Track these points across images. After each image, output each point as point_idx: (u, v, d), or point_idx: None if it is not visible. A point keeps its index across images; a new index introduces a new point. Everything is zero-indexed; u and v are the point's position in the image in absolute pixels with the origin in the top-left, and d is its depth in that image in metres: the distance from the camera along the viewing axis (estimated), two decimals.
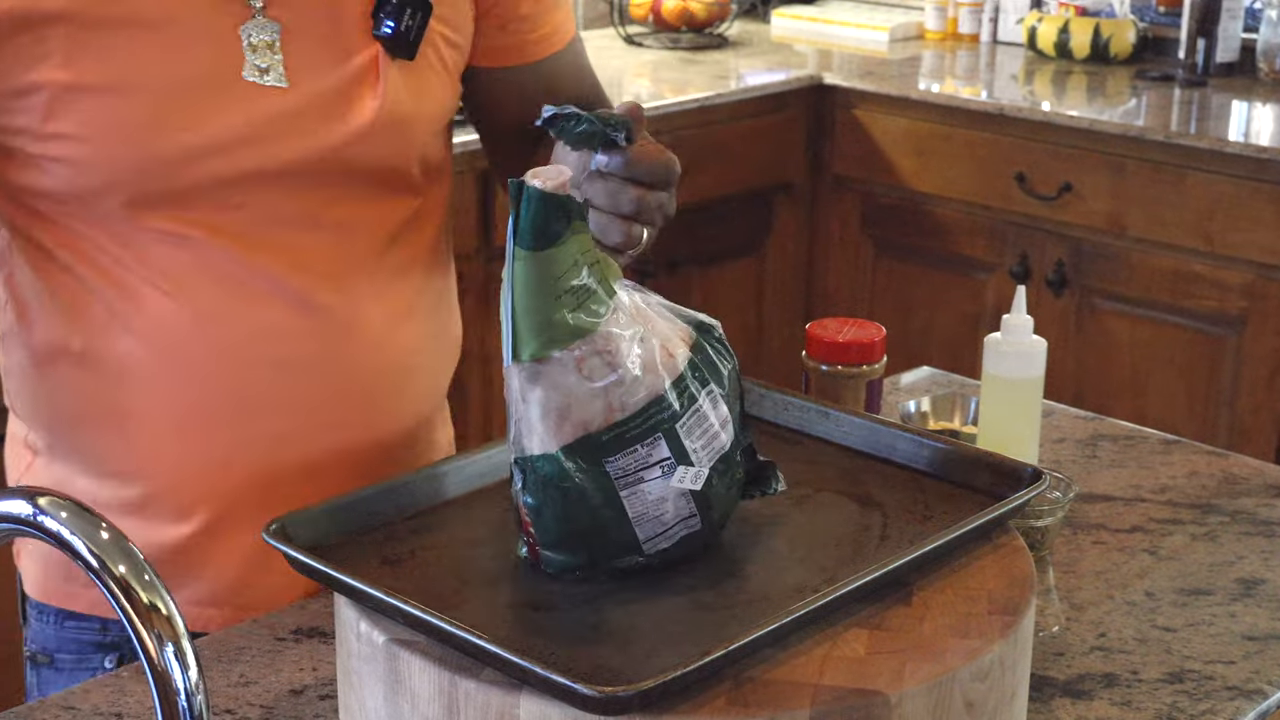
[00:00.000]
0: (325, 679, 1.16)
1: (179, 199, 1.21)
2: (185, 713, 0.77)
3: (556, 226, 0.98)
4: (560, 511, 1.01)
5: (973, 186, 3.25)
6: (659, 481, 1.01)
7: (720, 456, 1.03)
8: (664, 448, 1.01)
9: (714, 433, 1.03)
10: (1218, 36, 3.33)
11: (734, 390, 1.07)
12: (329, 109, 1.24)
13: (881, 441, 1.21)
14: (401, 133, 1.28)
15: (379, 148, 1.27)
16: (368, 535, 1.09)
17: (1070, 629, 1.26)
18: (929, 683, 0.92)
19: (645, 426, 1.00)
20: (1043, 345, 1.41)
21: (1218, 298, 2.98)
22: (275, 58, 1.22)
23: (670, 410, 1.01)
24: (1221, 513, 1.46)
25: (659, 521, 1.02)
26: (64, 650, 1.34)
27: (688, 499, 1.02)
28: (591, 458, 1.00)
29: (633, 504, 1.01)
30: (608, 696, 0.86)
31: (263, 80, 1.21)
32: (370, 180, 1.28)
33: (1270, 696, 1.18)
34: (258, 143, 1.21)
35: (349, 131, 1.25)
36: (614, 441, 1.00)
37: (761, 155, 3.36)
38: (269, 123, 1.22)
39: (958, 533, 1.05)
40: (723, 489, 1.04)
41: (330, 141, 1.24)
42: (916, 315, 3.38)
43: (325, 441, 1.29)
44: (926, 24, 3.79)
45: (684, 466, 1.01)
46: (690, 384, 1.02)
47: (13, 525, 0.80)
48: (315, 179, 1.25)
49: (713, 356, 1.05)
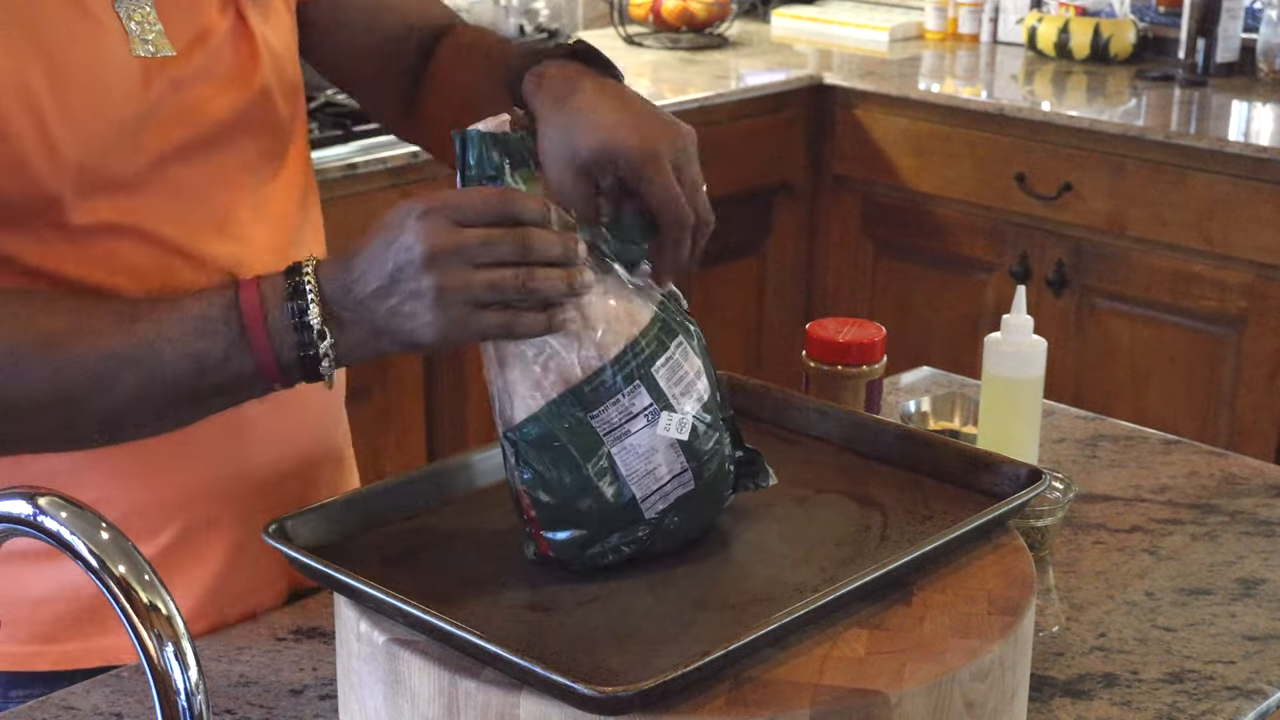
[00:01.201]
0: (325, 679, 1.16)
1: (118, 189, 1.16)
2: (185, 713, 0.77)
3: (496, 162, 1.04)
4: (555, 477, 1.03)
5: (973, 186, 3.25)
6: (646, 432, 1.02)
7: (702, 406, 1.05)
8: (645, 394, 1.02)
9: (690, 380, 1.05)
10: (1218, 36, 3.33)
11: (703, 352, 1.08)
12: (219, 65, 1.21)
13: (881, 441, 1.21)
14: (281, 72, 1.26)
15: (272, 93, 1.24)
16: (368, 535, 1.09)
17: (1070, 629, 1.26)
18: (929, 683, 0.92)
19: (624, 373, 1.02)
20: (1043, 345, 1.41)
21: (1218, 298, 2.98)
22: (156, 28, 1.18)
23: (645, 354, 1.03)
24: (1221, 513, 1.46)
25: (653, 477, 1.03)
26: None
27: (677, 451, 1.03)
28: (576, 412, 1.02)
29: (624, 459, 1.02)
30: (608, 696, 0.86)
31: (156, 53, 1.17)
32: (269, 131, 1.25)
33: (1270, 696, 1.18)
34: (166, 117, 1.17)
35: (248, 83, 1.22)
36: (595, 392, 1.02)
37: (761, 155, 3.36)
38: (173, 92, 1.18)
39: (958, 533, 1.05)
40: (710, 444, 1.05)
41: (232, 97, 1.21)
42: (916, 315, 3.38)
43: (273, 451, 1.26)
44: (926, 24, 3.79)
45: (667, 413, 1.02)
46: (660, 333, 1.04)
47: (12, 525, 0.80)
48: (226, 143, 1.22)
49: (679, 316, 1.08)
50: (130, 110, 1.15)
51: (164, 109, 1.18)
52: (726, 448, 1.08)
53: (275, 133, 1.27)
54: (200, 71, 1.20)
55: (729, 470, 1.09)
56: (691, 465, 1.04)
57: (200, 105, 1.20)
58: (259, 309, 1.06)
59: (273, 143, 1.27)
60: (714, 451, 1.06)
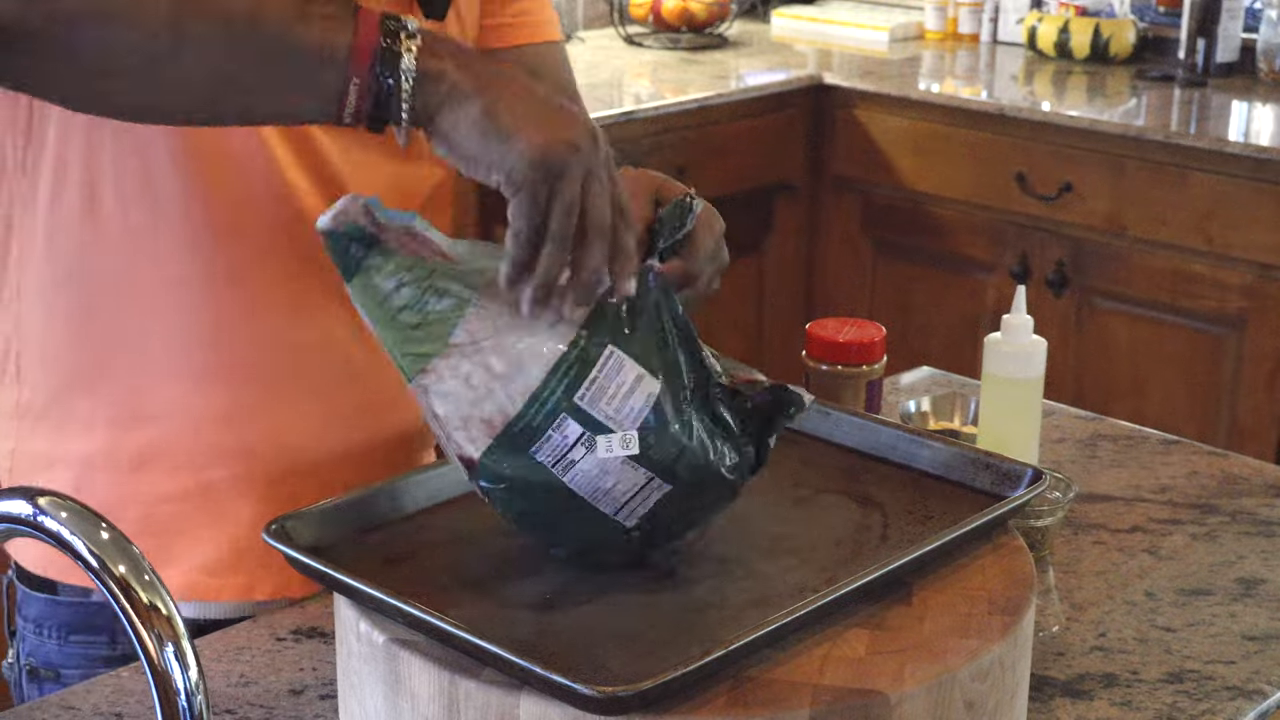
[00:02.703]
0: (325, 679, 1.16)
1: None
2: (185, 713, 0.77)
3: (353, 255, 1.01)
4: (521, 507, 1.02)
5: (973, 186, 3.25)
6: (590, 458, 0.99)
7: (651, 409, 1.00)
8: (574, 425, 0.99)
9: (627, 391, 1.00)
10: (1218, 36, 3.33)
11: (658, 335, 1.02)
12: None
13: (881, 441, 1.21)
14: None
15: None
16: (368, 535, 1.09)
17: (1070, 629, 1.26)
18: (929, 683, 0.92)
19: (545, 411, 0.99)
20: (1043, 345, 1.41)
21: (1218, 298, 2.98)
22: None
23: (562, 386, 0.99)
24: (1221, 513, 1.46)
25: (614, 495, 1.00)
26: (70, 665, 1.33)
27: (634, 465, 1.00)
28: (514, 453, 1.00)
29: (580, 486, 1.00)
30: (608, 696, 0.86)
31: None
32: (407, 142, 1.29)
33: (1270, 696, 1.18)
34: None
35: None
36: (524, 433, 0.99)
37: (761, 155, 3.36)
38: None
39: (958, 533, 1.05)
40: (672, 443, 1.01)
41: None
42: (916, 315, 3.38)
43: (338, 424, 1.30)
44: (926, 24, 3.79)
45: (603, 436, 0.99)
46: (579, 359, 1.00)
47: (12, 525, 0.80)
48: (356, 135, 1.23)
49: (617, 312, 1.01)
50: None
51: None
52: (702, 432, 1.02)
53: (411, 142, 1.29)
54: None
55: (718, 449, 1.03)
56: (656, 471, 1.00)
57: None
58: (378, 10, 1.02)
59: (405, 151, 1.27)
60: (681, 445, 1.01)
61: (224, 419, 1.28)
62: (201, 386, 1.27)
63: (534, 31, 1.42)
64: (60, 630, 1.33)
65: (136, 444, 1.28)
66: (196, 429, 1.27)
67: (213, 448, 1.28)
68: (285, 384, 1.29)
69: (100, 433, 1.28)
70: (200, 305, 1.26)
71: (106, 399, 1.28)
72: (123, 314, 1.26)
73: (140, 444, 1.28)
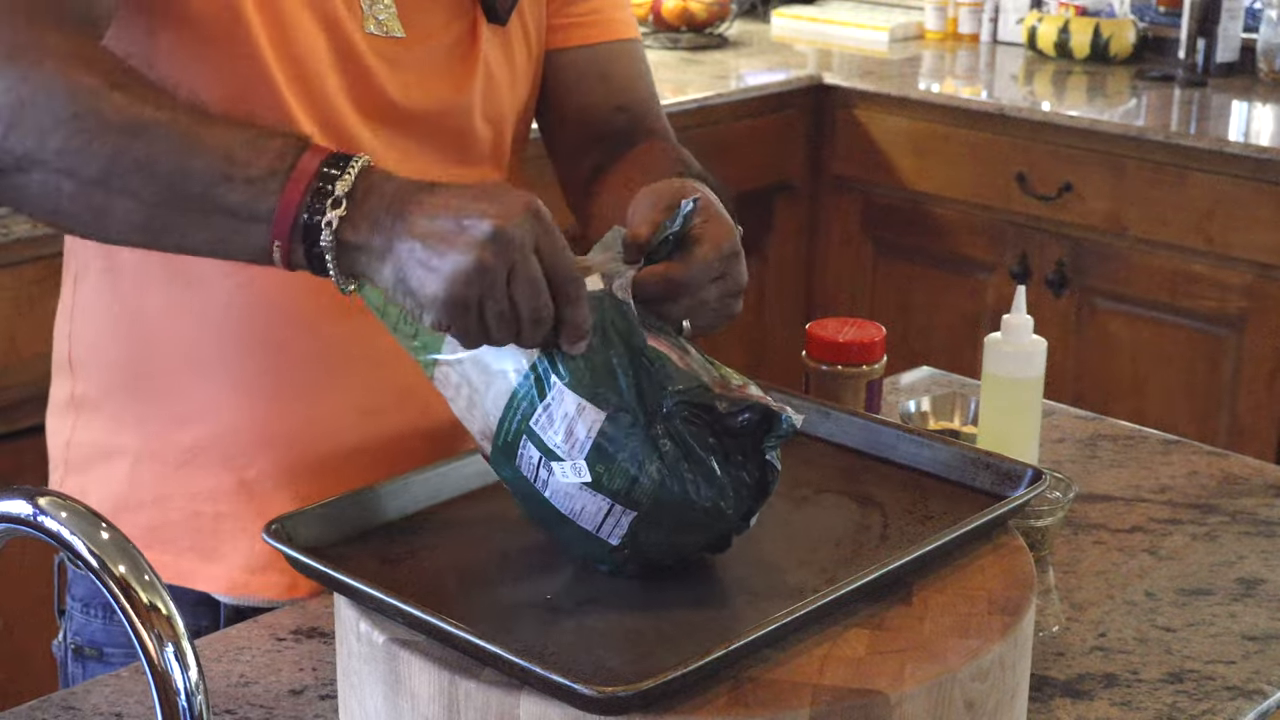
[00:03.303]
0: (325, 679, 1.16)
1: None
2: (185, 713, 0.77)
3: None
4: (527, 510, 1.05)
5: (973, 186, 3.25)
6: (554, 479, 1.01)
7: (596, 442, 0.99)
8: (533, 448, 1.00)
9: (571, 419, 0.99)
10: (1218, 36, 3.33)
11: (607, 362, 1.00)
12: (437, 64, 1.28)
13: (881, 441, 1.21)
14: (493, 98, 1.32)
15: (474, 108, 1.30)
16: (368, 535, 1.09)
17: (1070, 629, 1.26)
18: (929, 683, 0.92)
19: (513, 430, 1.01)
20: (1043, 345, 1.41)
21: (1218, 298, 2.98)
22: (390, 10, 1.26)
23: (521, 411, 1.00)
24: (1221, 513, 1.46)
25: (587, 516, 1.01)
26: (113, 644, 1.35)
27: (593, 492, 1.00)
28: (506, 462, 1.03)
29: (557, 503, 1.01)
30: (608, 696, 0.86)
31: (384, 33, 1.25)
32: (460, 142, 1.30)
33: (1270, 696, 1.18)
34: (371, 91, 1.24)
35: (452, 88, 1.28)
36: (504, 447, 1.02)
37: (761, 155, 3.36)
38: (386, 70, 1.25)
39: (958, 533, 1.05)
40: (622, 475, 0.99)
41: (436, 97, 1.28)
42: (916, 315, 3.38)
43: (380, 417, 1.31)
44: (926, 24, 3.79)
45: (558, 463, 1.00)
46: (534, 386, 1.00)
47: (13, 525, 0.80)
48: (412, 133, 1.27)
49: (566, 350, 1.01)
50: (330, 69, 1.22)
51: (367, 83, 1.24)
52: (658, 462, 0.99)
53: (467, 146, 1.31)
54: (418, 62, 1.27)
55: (686, 478, 1.00)
56: (615, 499, 1.00)
57: (402, 89, 1.26)
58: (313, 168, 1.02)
59: (461, 155, 1.31)
60: (633, 476, 0.99)
61: (263, 420, 1.29)
62: (240, 389, 1.28)
63: (605, 30, 1.42)
64: (106, 609, 1.35)
65: (181, 442, 1.30)
66: (236, 429, 1.29)
67: (252, 447, 1.29)
68: (321, 381, 1.30)
69: (148, 428, 1.30)
70: (238, 311, 1.27)
71: (152, 397, 1.30)
72: (165, 318, 1.28)
73: (184, 442, 1.30)
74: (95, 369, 1.33)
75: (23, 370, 2.24)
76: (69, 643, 1.38)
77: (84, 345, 1.34)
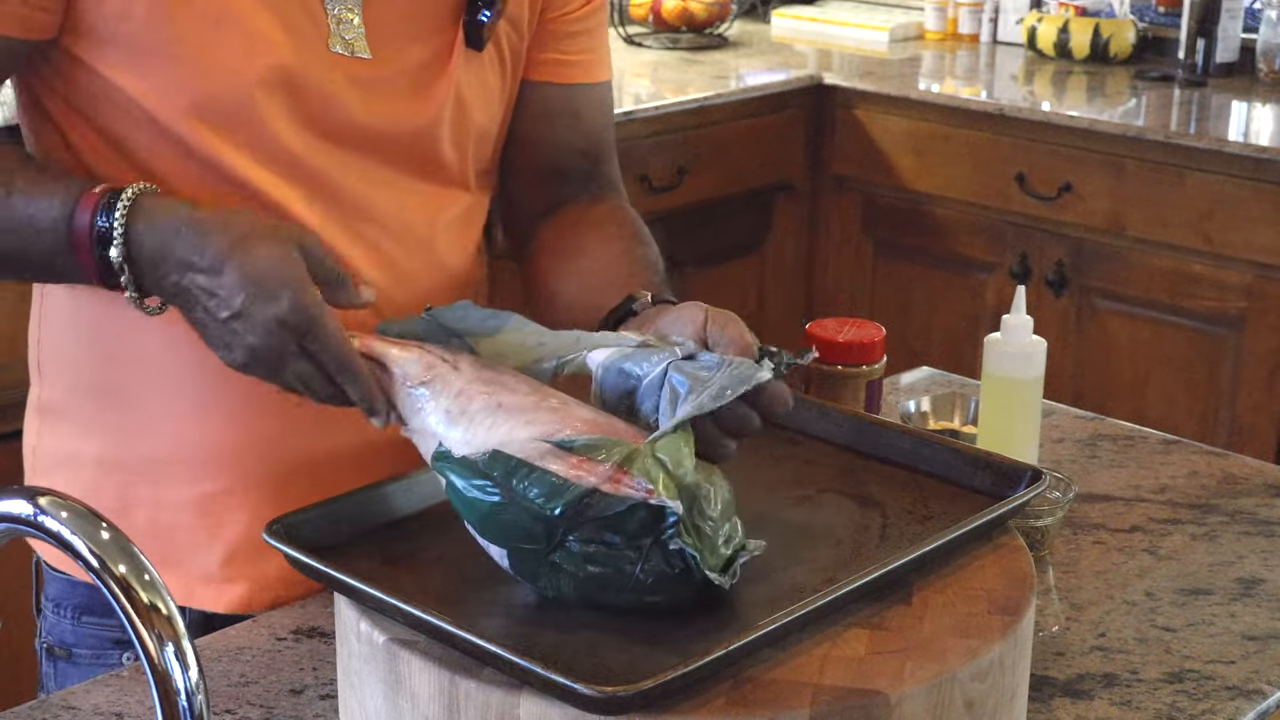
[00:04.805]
0: (325, 679, 1.16)
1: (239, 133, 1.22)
2: (185, 713, 0.77)
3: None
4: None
5: (973, 186, 3.25)
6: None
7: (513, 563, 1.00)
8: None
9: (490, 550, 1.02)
10: (1217, 36, 3.33)
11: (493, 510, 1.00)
12: (403, 86, 1.27)
13: (881, 441, 1.21)
14: (462, 121, 1.31)
15: (443, 133, 1.30)
16: (368, 535, 1.09)
17: (1070, 629, 1.26)
18: (929, 683, 0.92)
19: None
20: (1043, 345, 1.41)
21: (1217, 298, 2.98)
22: (358, 30, 1.25)
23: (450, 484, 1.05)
24: (1221, 513, 1.46)
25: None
26: (82, 645, 1.35)
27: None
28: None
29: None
30: (608, 696, 0.86)
31: (349, 53, 1.24)
32: (426, 163, 1.30)
33: (1270, 696, 1.18)
34: (329, 110, 1.24)
35: (418, 111, 1.28)
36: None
37: (761, 155, 3.36)
38: (348, 90, 1.24)
39: (958, 533, 1.05)
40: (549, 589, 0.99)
41: (400, 119, 1.27)
42: (916, 315, 3.38)
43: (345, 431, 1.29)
44: (926, 24, 3.79)
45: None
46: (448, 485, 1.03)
47: (13, 525, 0.80)
48: (373, 152, 1.27)
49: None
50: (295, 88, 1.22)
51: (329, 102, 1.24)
52: (568, 578, 0.98)
53: (433, 168, 1.31)
54: (384, 80, 1.26)
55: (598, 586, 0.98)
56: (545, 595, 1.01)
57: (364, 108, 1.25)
58: (87, 234, 1.13)
59: (426, 176, 1.31)
60: (555, 590, 0.99)
61: (219, 436, 1.28)
62: (196, 404, 1.28)
63: (588, 72, 1.41)
64: (75, 611, 1.35)
65: (140, 452, 1.29)
66: (195, 444, 1.28)
67: (208, 462, 1.29)
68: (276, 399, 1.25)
69: (110, 436, 1.30)
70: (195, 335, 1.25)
71: (113, 406, 1.30)
72: (128, 334, 1.27)
73: (143, 452, 1.29)
74: (60, 375, 1.33)
75: (22, 370, 2.24)
76: (43, 642, 1.38)
77: (50, 351, 1.34)
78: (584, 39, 1.40)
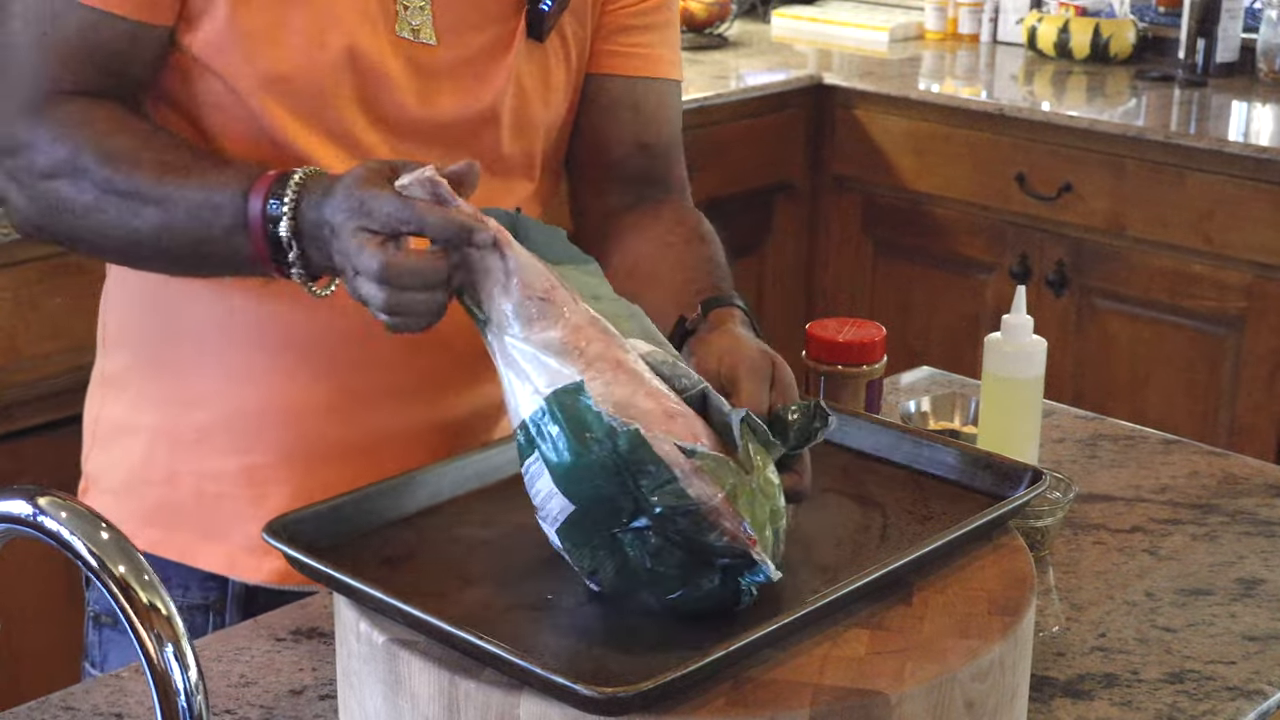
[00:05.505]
0: (325, 679, 1.16)
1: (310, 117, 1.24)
2: (185, 713, 0.77)
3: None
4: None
5: (973, 186, 3.25)
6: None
7: (563, 528, 0.98)
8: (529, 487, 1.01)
9: (545, 497, 0.99)
10: (1218, 36, 3.33)
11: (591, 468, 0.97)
12: (464, 74, 1.29)
13: (881, 441, 1.21)
14: (523, 111, 1.33)
15: (503, 123, 1.31)
16: (368, 535, 1.09)
17: (1070, 629, 1.26)
18: (929, 683, 0.92)
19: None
20: (1043, 345, 1.41)
21: (1217, 298, 2.98)
22: (425, 16, 1.27)
23: (520, 446, 1.01)
24: (1221, 513, 1.46)
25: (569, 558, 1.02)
26: None
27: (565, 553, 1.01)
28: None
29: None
30: (608, 696, 0.86)
31: (415, 38, 1.26)
32: (488, 157, 1.30)
33: (1270, 696, 1.18)
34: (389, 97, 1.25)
35: (477, 98, 1.29)
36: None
37: (761, 155, 3.36)
38: (415, 76, 1.26)
39: (958, 533, 1.05)
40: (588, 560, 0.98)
41: (457, 107, 1.29)
42: (916, 315, 3.38)
43: (393, 410, 1.33)
44: (926, 24, 3.79)
45: (539, 518, 1.00)
46: (529, 439, 0.99)
47: (13, 525, 0.80)
48: (435, 142, 1.28)
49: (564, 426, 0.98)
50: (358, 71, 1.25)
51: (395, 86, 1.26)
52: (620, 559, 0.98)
53: (493, 158, 1.31)
54: (445, 67, 1.28)
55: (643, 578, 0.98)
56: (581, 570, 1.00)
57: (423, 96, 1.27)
58: (260, 212, 1.14)
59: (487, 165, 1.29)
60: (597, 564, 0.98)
61: (268, 406, 1.32)
62: (249, 374, 1.31)
63: (650, 65, 1.41)
64: None
65: (192, 422, 1.33)
66: (243, 414, 1.32)
67: (256, 432, 1.32)
68: (330, 373, 1.32)
69: (165, 408, 1.34)
70: (254, 298, 1.30)
71: (170, 376, 1.34)
72: (185, 300, 1.31)
73: (195, 422, 1.33)
74: (123, 347, 1.37)
75: (23, 370, 2.25)
76: (90, 611, 1.41)
77: (114, 326, 1.39)
78: (645, 33, 1.40)
